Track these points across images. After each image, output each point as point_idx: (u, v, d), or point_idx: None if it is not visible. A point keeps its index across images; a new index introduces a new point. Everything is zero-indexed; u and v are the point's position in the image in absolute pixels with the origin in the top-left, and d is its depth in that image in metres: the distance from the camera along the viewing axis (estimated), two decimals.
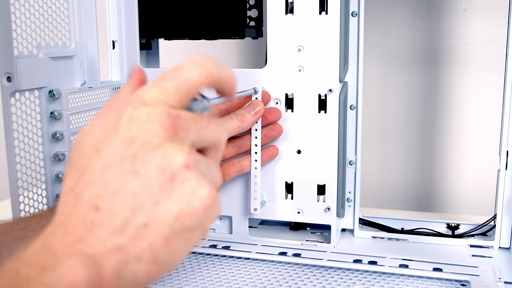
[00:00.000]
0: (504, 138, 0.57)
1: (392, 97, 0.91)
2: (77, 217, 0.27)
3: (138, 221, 0.27)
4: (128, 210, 0.27)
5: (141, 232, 0.27)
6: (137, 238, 0.27)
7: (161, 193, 0.28)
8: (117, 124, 0.29)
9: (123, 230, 0.27)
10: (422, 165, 0.91)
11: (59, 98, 0.54)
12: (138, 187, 0.28)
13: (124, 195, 0.27)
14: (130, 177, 0.28)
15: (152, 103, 0.29)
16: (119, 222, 0.27)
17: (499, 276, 0.51)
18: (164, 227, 0.28)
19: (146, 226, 0.27)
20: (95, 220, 0.27)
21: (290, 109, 0.58)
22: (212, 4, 0.61)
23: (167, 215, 0.28)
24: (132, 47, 0.64)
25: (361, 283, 0.51)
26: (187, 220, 0.28)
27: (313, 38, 0.56)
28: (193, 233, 0.29)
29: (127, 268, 0.27)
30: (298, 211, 0.60)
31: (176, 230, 0.28)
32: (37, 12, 0.53)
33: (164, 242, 0.28)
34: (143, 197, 0.28)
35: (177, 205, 0.28)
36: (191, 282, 0.51)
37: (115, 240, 0.27)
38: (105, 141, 0.29)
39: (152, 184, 0.28)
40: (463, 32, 0.85)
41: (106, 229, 0.27)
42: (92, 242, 0.27)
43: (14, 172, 0.50)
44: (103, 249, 0.27)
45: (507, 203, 0.58)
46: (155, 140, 0.28)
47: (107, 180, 0.28)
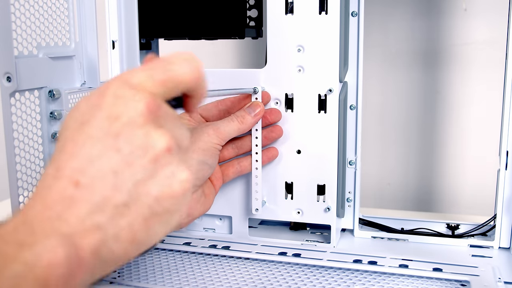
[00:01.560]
0: (504, 138, 0.57)
1: (392, 97, 0.91)
2: (56, 192, 0.27)
3: (118, 199, 0.27)
4: (109, 188, 0.27)
5: (121, 211, 0.27)
6: (116, 217, 0.27)
7: (142, 173, 0.28)
8: (101, 100, 0.29)
9: (103, 209, 0.27)
10: (422, 165, 0.91)
11: (59, 98, 0.54)
12: (119, 164, 0.27)
13: (105, 172, 0.27)
14: (113, 154, 0.27)
15: (138, 87, 0.29)
16: (99, 200, 0.27)
17: (499, 276, 0.51)
18: (144, 208, 0.28)
19: (126, 205, 0.27)
20: (75, 196, 0.27)
21: (290, 109, 0.58)
22: (212, 4, 0.61)
23: (147, 196, 0.28)
24: (132, 47, 0.64)
25: (361, 283, 0.51)
26: (167, 202, 0.28)
27: (313, 38, 0.56)
28: (171, 216, 0.29)
29: (105, 247, 0.27)
30: (298, 211, 0.60)
31: (156, 212, 0.28)
32: (37, 12, 0.53)
33: (143, 223, 0.28)
34: (124, 175, 0.27)
35: (158, 187, 0.28)
36: (191, 282, 0.51)
37: (94, 218, 0.26)
38: (89, 116, 0.28)
39: (134, 163, 0.28)
40: (463, 32, 0.85)
41: (85, 207, 0.26)
42: (70, 219, 0.26)
43: (14, 172, 0.50)
44: (81, 228, 0.26)
45: (507, 203, 0.58)
46: (139, 120, 0.28)
47: (89, 154, 0.27)
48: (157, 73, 0.30)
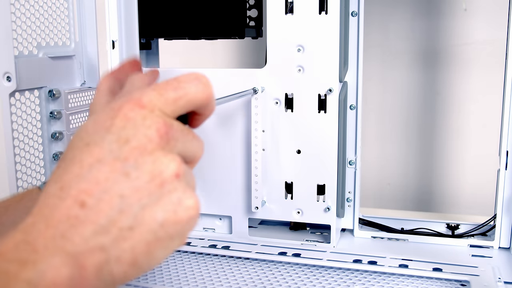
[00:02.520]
0: (504, 138, 0.57)
1: (392, 97, 0.91)
2: (61, 211, 0.27)
3: (123, 223, 0.27)
4: (115, 211, 0.27)
5: (125, 234, 0.27)
6: (120, 240, 0.27)
7: (149, 198, 0.28)
8: (111, 121, 0.29)
9: (108, 230, 0.27)
10: (422, 165, 0.91)
11: (58, 98, 0.54)
12: (127, 189, 0.28)
13: (112, 195, 0.27)
14: (120, 178, 0.28)
15: (149, 107, 0.29)
16: (104, 222, 0.27)
17: (499, 276, 0.51)
18: (148, 232, 0.28)
19: (130, 229, 0.27)
20: (80, 217, 0.27)
21: (290, 109, 0.58)
22: (212, 4, 0.61)
23: (152, 221, 0.28)
24: (132, 47, 0.64)
25: (361, 283, 0.51)
26: (171, 228, 0.28)
27: (313, 38, 0.56)
28: (173, 241, 0.29)
29: (106, 268, 0.27)
30: (298, 211, 0.60)
31: (159, 237, 0.28)
32: (37, 12, 0.53)
33: (145, 247, 0.28)
34: (131, 199, 0.28)
35: (164, 213, 0.28)
36: (191, 282, 0.51)
37: (98, 239, 0.27)
38: (97, 137, 0.28)
39: (142, 188, 0.28)
40: (463, 32, 0.85)
41: (90, 227, 0.27)
42: (74, 239, 0.26)
43: (14, 172, 0.50)
44: (85, 248, 0.26)
45: (507, 203, 0.58)
46: (149, 146, 0.28)
47: (96, 177, 0.27)
48: (168, 91, 0.30)
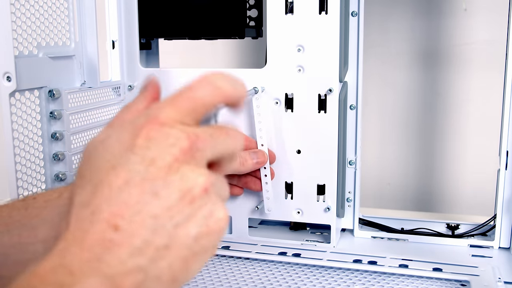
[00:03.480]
0: (504, 138, 0.57)
1: (392, 97, 0.91)
2: (94, 235, 0.27)
3: (158, 242, 0.28)
4: (149, 231, 0.27)
5: (162, 254, 0.28)
6: (157, 259, 0.28)
7: (181, 216, 0.28)
8: (134, 142, 0.29)
9: (143, 251, 0.27)
10: (422, 165, 0.91)
11: (59, 98, 0.54)
12: (158, 209, 0.28)
13: (144, 216, 0.28)
14: (151, 199, 0.28)
15: (169, 123, 0.29)
16: (139, 243, 0.27)
17: (499, 276, 0.51)
18: (184, 249, 0.28)
19: (166, 247, 0.28)
20: (115, 240, 0.27)
21: (290, 109, 0.58)
22: (212, 4, 0.61)
23: (187, 238, 0.28)
24: (132, 47, 0.64)
25: (361, 283, 0.51)
26: (205, 241, 0.29)
27: (313, 38, 0.56)
28: (207, 253, 0.30)
29: (145, 287, 0.27)
30: (298, 211, 0.60)
31: (194, 251, 0.29)
32: (37, 12, 0.53)
33: (183, 263, 0.28)
34: (163, 219, 0.28)
35: (197, 228, 0.29)
36: (191, 282, 0.51)
37: (135, 260, 0.27)
38: (122, 159, 0.29)
39: (173, 206, 0.28)
40: (463, 32, 0.85)
41: (126, 249, 0.27)
42: (111, 262, 0.26)
43: (13, 172, 0.50)
44: (122, 269, 0.26)
45: (507, 203, 0.58)
46: (175, 164, 0.29)
47: (126, 199, 0.28)
48: (183, 102, 0.31)
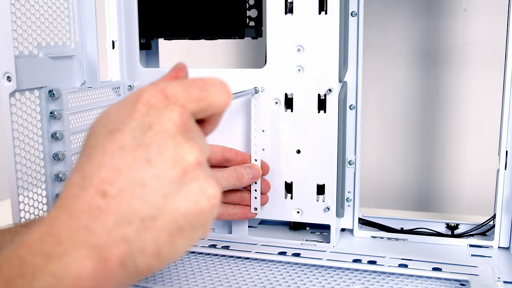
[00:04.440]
0: (503, 138, 0.57)
1: (392, 97, 0.91)
2: (83, 201, 0.26)
3: (145, 212, 0.27)
4: (137, 200, 0.26)
5: (148, 225, 0.27)
6: (143, 231, 0.27)
7: (171, 186, 0.27)
8: (134, 107, 0.28)
9: (130, 221, 0.26)
10: (422, 165, 0.91)
11: (59, 98, 0.54)
12: (149, 176, 0.27)
13: (134, 184, 0.27)
14: (142, 165, 0.27)
15: (173, 100, 0.29)
16: (126, 212, 0.26)
17: (498, 276, 0.51)
18: (171, 222, 0.27)
19: (153, 219, 0.27)
20: (102, 207, 0.26)
21: (290, 109, 0.58)
22: (211, 4, 0.61)
23: (175, 211, 0.27)
24: (132, 47, 0.64)
25: (361, 282, 0.51)
26: (193, 218, 0.28)
27: (312, 38, 0.56)
28: (196, 231, 0.29)
29: (130, 260, 0.27)
30: (298, 211, 0.60)
31: (181, 227, 0.28)
32: (37, 12, 0.53)
33: (168, 237, 0.27)
34: (153, 188, 0.27)
35: (186, 202, 0.28)
36: (191, 282, 0.51)
37: (121, 230, 0.26)
38: (120, 124, 0.28)
39: (164, 176, 0.27)
40: (463, 32, 0.85)
41: (112, 218, 0.26)
42: (98, 231, 0.26)
43: (13, 172, 0.50)
44: (108, 240, 0.26)
45: (506, 203, 0.58)
46: (172, 129, 0.28)
47: (117, 164, 0.27)
48: (194, 90, 0.30)
